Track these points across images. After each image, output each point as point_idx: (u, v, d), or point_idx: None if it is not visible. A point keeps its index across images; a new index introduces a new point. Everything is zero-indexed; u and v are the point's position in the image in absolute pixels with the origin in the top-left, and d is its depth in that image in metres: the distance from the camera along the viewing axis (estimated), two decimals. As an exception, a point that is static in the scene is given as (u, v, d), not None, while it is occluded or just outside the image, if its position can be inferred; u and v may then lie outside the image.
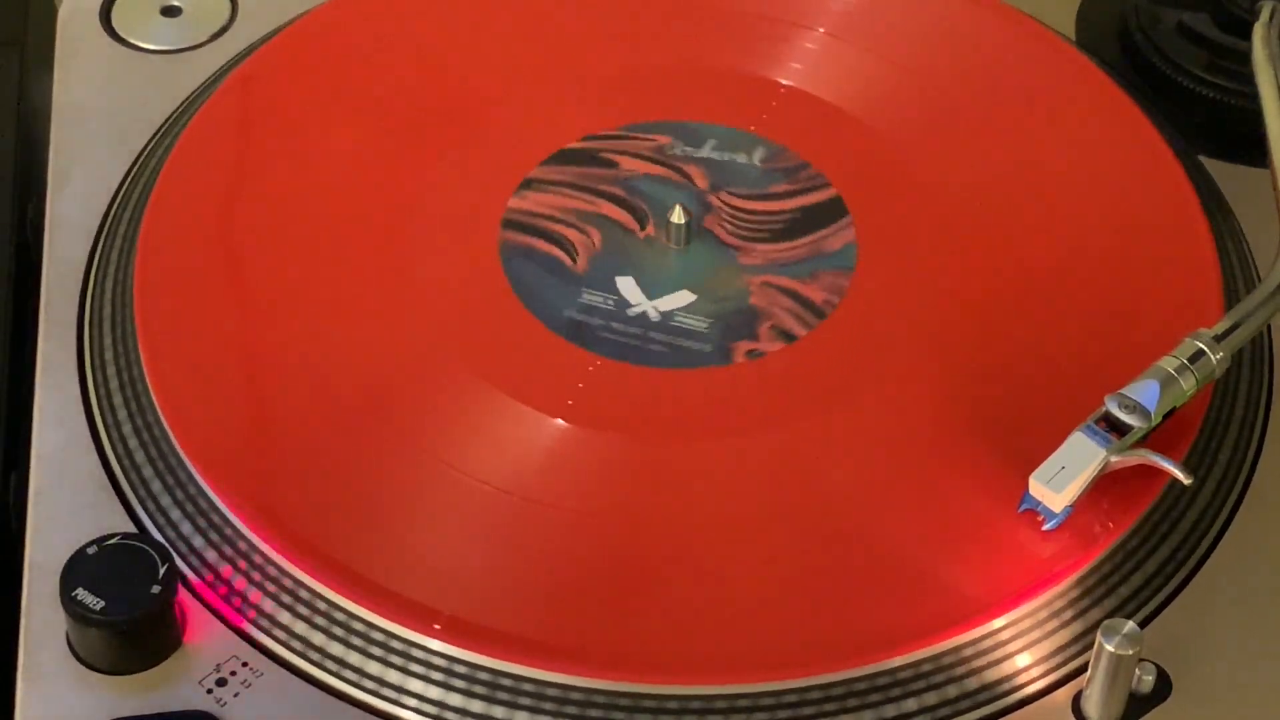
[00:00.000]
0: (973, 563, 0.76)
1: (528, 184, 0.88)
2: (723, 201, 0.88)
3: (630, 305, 0.84)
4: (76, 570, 0.74)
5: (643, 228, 0.87)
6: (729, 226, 0.87)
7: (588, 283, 0.85)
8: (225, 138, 0.90)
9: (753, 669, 0.73)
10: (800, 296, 0.84)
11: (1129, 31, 0.96)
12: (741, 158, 0.89)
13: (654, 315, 0.84)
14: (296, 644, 0.75)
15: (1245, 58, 0.90)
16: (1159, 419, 0.76)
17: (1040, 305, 0.84)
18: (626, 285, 0.85)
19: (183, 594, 0.75)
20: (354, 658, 0.74)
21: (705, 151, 0.90)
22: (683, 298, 0.85)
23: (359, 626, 0.75)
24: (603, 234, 0.87)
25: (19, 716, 0.74)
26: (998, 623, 0.75)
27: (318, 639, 0.75)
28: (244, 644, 0.75)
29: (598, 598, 0.75)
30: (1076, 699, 0.74)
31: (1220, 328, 0.79)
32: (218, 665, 0.75)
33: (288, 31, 0.94)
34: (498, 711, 0.73)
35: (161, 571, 0.74)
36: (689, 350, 0.83)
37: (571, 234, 0.86)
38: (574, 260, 0.86)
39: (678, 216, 0.86)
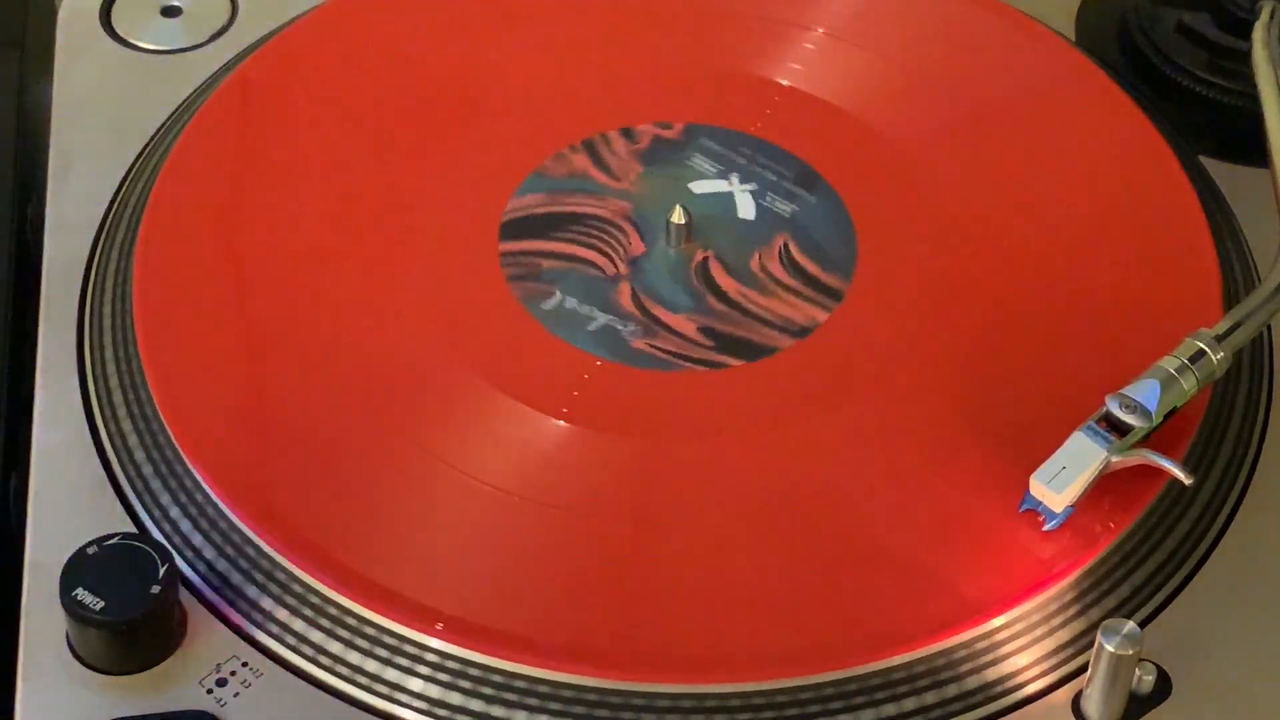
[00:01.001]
0: (972, 563, 0.76)
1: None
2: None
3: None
4: (76, 570, 0.74)
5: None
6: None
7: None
8: (225, 138, 0.89)
9: (750, 669, 0.73)
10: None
11: (1129, 31, 0.96)
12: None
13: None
14: (296, 644, 0.75)
15: (1245, 58, 0.90)
16: (1160, 419, 0.76)
17: (1040, 305, 0.84)
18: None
19: (183, 594, 0.75)
20: (354, 657, 0.74)
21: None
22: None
23: (359, 626, 0.75)
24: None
25: (19, 716, 0.74)
26: (997, 622, 0.75)
27: (318, 639, 0.75)
28: (244, 644, 0.75)
29: (598, 597, 0.75)
30: (1076, 699, 0.74)
31: (1221, 328, 0.79)
32: (218, 665, 0.75)
33: (288, 31, 0.94)
34: (498, 710, 0.73)
35: (161, 571, 0.74)
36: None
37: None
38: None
39: (677, 217, 0.86)
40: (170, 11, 0.97)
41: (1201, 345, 0.78)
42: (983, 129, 0.91)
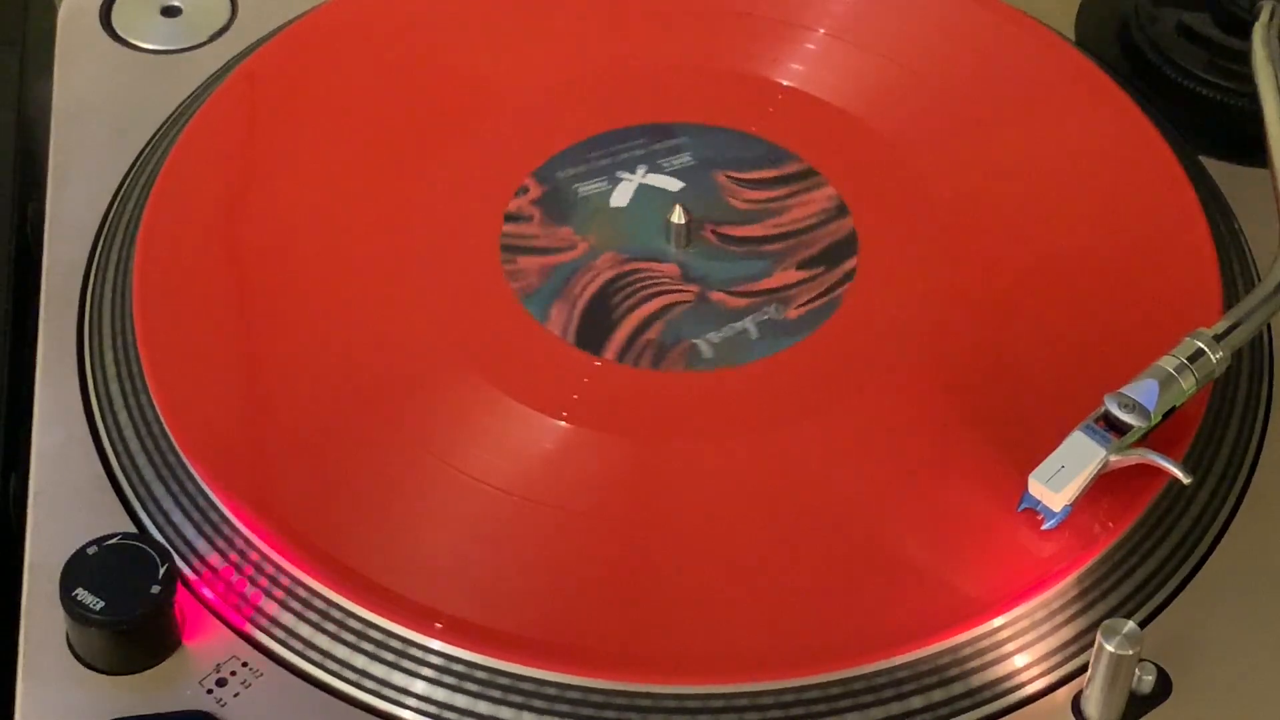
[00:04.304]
0: (972, 562, 0.76)
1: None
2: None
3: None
4: (76, 570, 0.74)
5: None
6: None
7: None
8: (225, 138, 0.90)
9: (750, 669, 0.73)
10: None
11: (1129, 31, 0.96)
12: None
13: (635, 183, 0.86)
14: (296, 644, 0.75)
15: (1245, 58, 0.91)
16: (1158, 418, 0.76)
17: (1040, 305, 0.84)
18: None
19: (183, 594, 0.75)
20: (354, 657, 0.74)
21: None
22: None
23: (359, 626, 0.75)
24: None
25: (19, 716, 0.74)
26: (998, 622, 0.75)
27: (317, 639, 0.75)
28: (244, 644, 0.75)
29: (597, 598, 0.75)
30: (1076, 699, 0.74)
31: (1220, 327, 0.79)
32: (218, 665, 0.75)
33: (288, 31, 0.94)
34: (495, 710, 0.73)
35: (161, 571, 0.74)
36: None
37: None
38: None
39: (677, 217, 0.86)
40: (170, 11, 0.97)
41: (1200, 345, 0.78)
42: (983, 129, 0.91)
